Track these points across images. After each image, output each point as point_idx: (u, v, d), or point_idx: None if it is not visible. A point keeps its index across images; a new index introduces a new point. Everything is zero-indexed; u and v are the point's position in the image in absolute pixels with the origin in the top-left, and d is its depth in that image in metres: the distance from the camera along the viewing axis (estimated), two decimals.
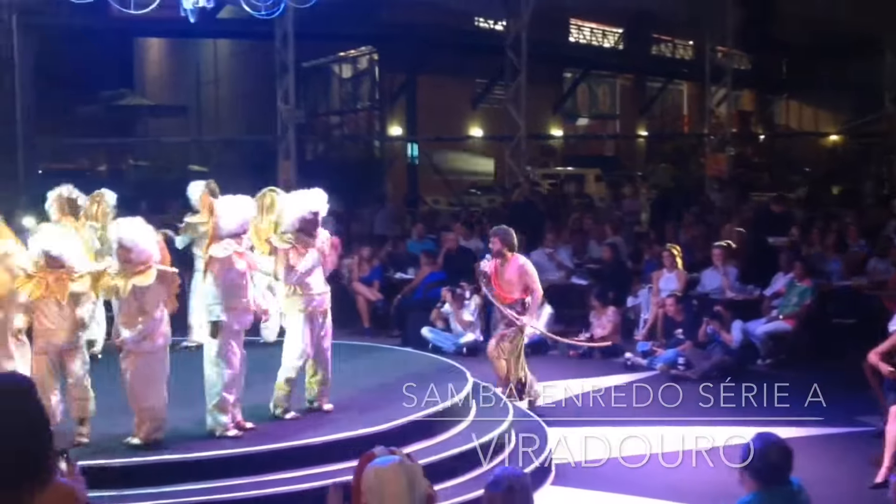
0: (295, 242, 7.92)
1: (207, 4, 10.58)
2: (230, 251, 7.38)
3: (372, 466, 3.51)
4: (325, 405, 8.19)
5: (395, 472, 3.46)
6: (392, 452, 3.62)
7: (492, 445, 8.12)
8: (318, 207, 8.02)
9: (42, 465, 3.02)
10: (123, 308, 7.13)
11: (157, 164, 31.32)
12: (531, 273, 9.85)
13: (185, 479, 6.92)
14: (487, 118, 31.05)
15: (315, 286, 8.00)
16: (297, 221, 7.92)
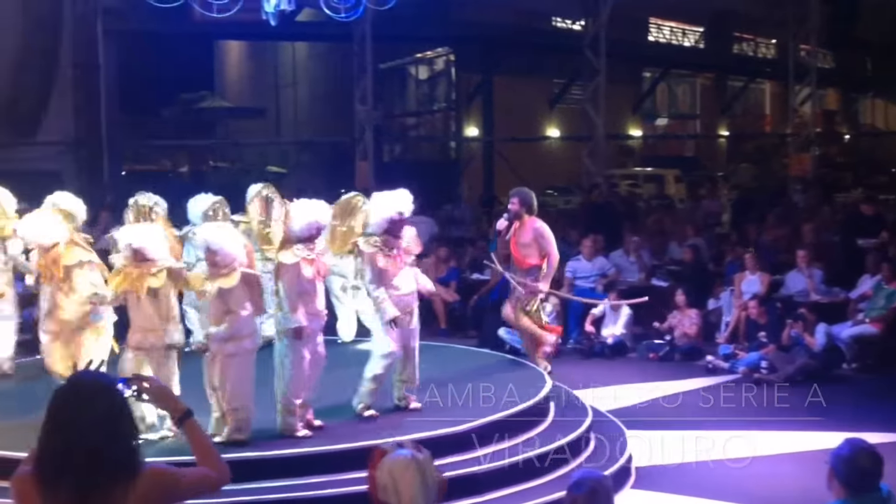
0: (381, 244, 7.93)
1: (288, 7, 10.66)
2: (298, 258, 7.43)
3: (385, 462, 3.52)
4: (413, 404, 8.20)
5: (408, 466, 3.47)
6: (401, 446, 3.62)
7: (571, 447, 8.07)
8: (404, 208, 8.03)
9: (133, 459, 3.06)
10: (210, 309, 7.27)
11: (236, 166, 31.72)
12: (547, 237, 9.68)
13: (261, 476, 6.98)
14: (565, 118, 30.85)
15: (402, 287, 8.01)
16: (383, 223, 7.93)
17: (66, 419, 3.00)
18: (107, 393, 3.09)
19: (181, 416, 3.38)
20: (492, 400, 8.43)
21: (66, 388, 3.10)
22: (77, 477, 2.95)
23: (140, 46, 25.80)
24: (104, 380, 3.17)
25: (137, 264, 7.19)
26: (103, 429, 3.00)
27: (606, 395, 10.41)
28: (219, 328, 7.12)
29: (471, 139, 30.24)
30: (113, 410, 3.06)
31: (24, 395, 8.38)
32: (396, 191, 8.17)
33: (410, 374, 8.24)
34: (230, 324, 7.10)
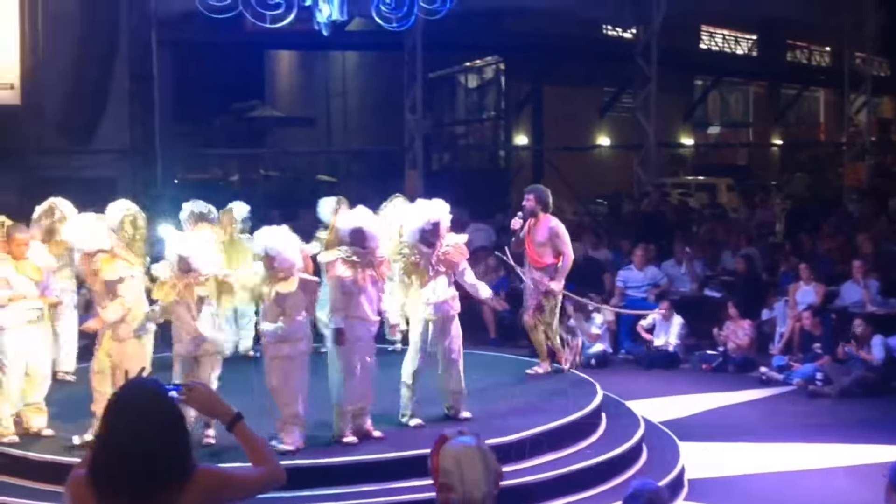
0: (413, 252, 7.93)
1: (340, 17, 10.71)
2: (336, 257, 7.45)
3: (449, 447, 3.51)
4: (463, 413, 8.15)
5: (472, 453, 3.46)
6: (461, 433, 3.60)
7: (623, 458, 8.01)
8: (439, 217, 8.00)
9: (186, 463, 3.09)
10: (267, 313, 7.31)
11: (286, 175, 31.93)
12: (562, 235, 9.58)
13: (313, 484, 6.99)
14: (615, 127, 30.68)
15: (433, 295, 7.97)
16: (417, 232, 7.93)
17: (121, 425, 3.04)
18: (160, 399, 3.12)
19: (231, 420, 3.38)
20: (543, 410, 8.40)
21: (120, 395, 3.14)
22: (132, 482, 2.99)
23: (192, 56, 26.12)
24: (157, 387, 3.20)
25: (184, 274, 7.25)
26: (157, 435, 3.03)
27: (659, 406, 10.34)
28: (272, 327, 7.15)
29: (520, 148, 30.16)
30: (166, 416, 3.09)
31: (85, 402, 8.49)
32: (433, 200, 8.17)
33: (455, 383, 8.20)
34: (284, 325, 7.12)
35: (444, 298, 8.03)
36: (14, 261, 7.77)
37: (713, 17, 31.43)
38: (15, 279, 7.73)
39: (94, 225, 7.74)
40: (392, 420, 7.95)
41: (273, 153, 33.90)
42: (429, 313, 7.96)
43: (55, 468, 7.11)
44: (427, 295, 7.94)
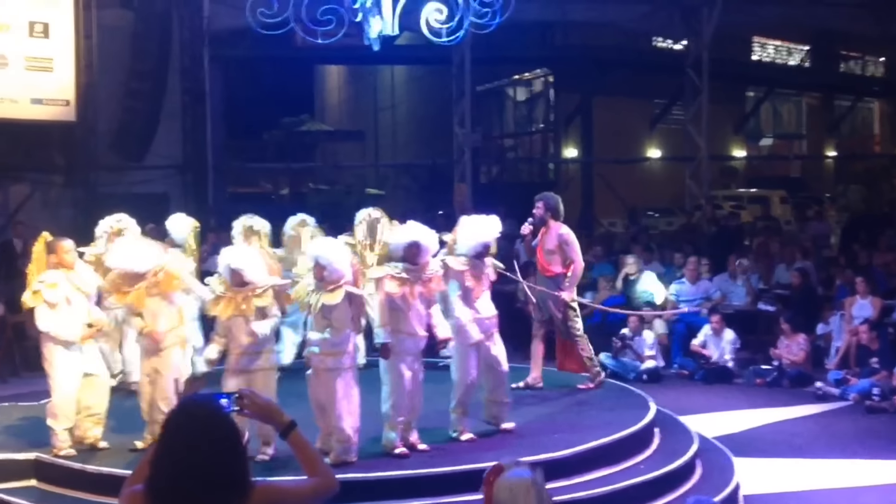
0: (470, 266, 7.93)
1: (392, 32, 10.71)
2: (385, 273, 7.47)
3: (505, 480, 3.48)
4: (505, 424, 8.14)
5: (528, 487, 3.43)
6: (517, 464, 3.58)
7: (676, 474, 7.91)
8: (495, 234, 8.04)
9: (244, 479, 3.09)
10: (314, 325, 7.33)
11: (335, 188, 32.11)
12: (572, 243, 9.46)
13: (364, 498, 6.95)
14: (665, 139, 30.48)
15: (484, 310, 8.00)
16: (479, 246, 7.93)
17: (180, 441, 3.04)
18: (218, 415, 3.13)
19: (286, 427, 3.38)
20: (594, 425, 8.33)
21: (178, 411, 3.14)
22: (191, 498, 2.97)
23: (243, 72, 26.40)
24: (215, 404, 3.21)
25: (238, 288, 7.28)
26: (215, 451, 3.03)
27: (713, 422, 10.21)
28: (318, 337, 7.16)
29: (569, 160, 30.07)
30: (224, 432, 3.09)
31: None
32: (488, 216, 8.18)
33: (501, 395, 8.18)
34: (330, 336, 7.13)
35: (492, 314, 8.08)
36: (67, 273, 7.84)
37: (765, 28, 31.13)
38: (73, 297, 7.81)
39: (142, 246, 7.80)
40: (442, 434, 7.92)
41: (322, 167, 34.12)
42: (481, 329, 7.94)
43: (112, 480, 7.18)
44: (479, 311, 7.93)
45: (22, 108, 15.94)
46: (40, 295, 7.68)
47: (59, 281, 7.76)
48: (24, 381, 12.58)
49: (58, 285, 7.74)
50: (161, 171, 18.34)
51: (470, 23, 10.74)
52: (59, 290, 7.74)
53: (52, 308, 7.71)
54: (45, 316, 7.73)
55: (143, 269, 7.55)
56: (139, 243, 7.81)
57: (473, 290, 7.93)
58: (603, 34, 26.15)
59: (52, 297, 7.70)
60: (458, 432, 7.93)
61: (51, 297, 7.69)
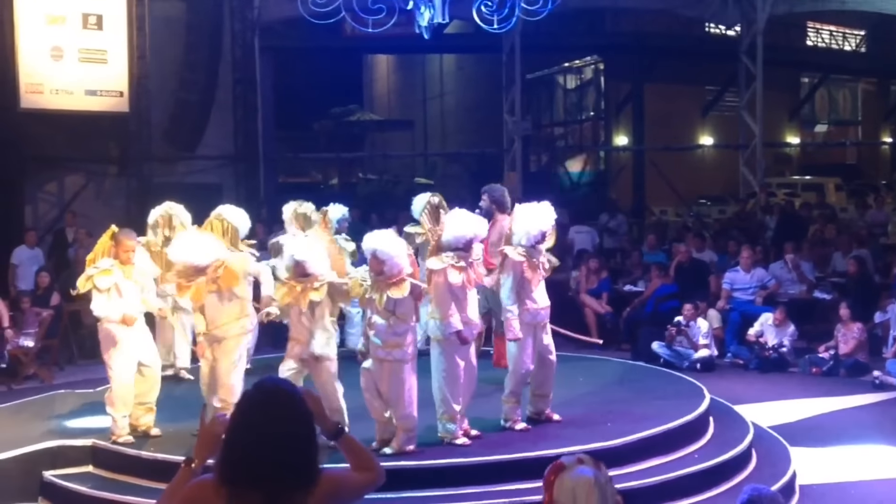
0: (528, 255, 7.87)
1: (442, 20, 10.67)
2: (445, 264, 7.43)
3: (567, 479, 3.36)
4: (553, 416, 8.11)
5: (591, 487, 3.31)
6: (580, 461, 3.46)
7: (732, 463, 7.82)
8: (552, 222, 7.96)
9: (315, 465, 3.08)
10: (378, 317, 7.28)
11: (384, 177, 32.21)
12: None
13: (420, 485, 7.00)
14: (718, 126, 30.16)
15: (540, 300, 7.94)
16: (539, 235, 7.86)
17: (254, 426, 3.03)
18: (291, 399, 3.11)
19: (335, 432, 3.39)
20: (648, 414, 8.25)
21: (251, 396, 3.12)
22: (265, 483, 2.97)
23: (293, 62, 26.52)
24: (287, 386, 3.19)
25: (300, 279, 7.31)
26: (289, 435, 3.02)
27: (768, 411, 10.08)
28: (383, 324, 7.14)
29: (620, 148, 29.86)
30: (297, 416, 3.08)
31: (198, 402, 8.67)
32: (541, 203, 8.08)
33: (547, 388, 8.13)
34: (393, 329, 7.13)
35: (546, 305, 8.03)
36: (122, 266, 7.93)
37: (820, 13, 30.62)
38: (124, 285, 7.89)
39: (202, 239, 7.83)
40: (493, 424, 7.90)
41: (371, 156, 34.21)
42: (536, 320, 7.91)
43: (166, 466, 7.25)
44: (535, 301, 7.89)
45: (77, 99, 16.15)
46: (92, 280, 7.77)
47: (111, 268, 7.84)
48: (81, 368, 12.78)
49: (111, 272, 7.82)
50: (213, 162, 18.50)
51: (521, 10, 10.67)
52: (111, 277, 7.82)
53: (101, 294, 7.79)
54: (100, 302, 7.82)
55: (203, 262, 7.55)
56: (201, 236, 7.84)
57: (531, 281, 7.87)
58: (654, 20, 25.93)
59: (103, 283, 7.78)
60: (510, 421, 7.90)
61: (101, 283, 7.78)
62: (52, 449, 7.84)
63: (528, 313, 7.86)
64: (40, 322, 12.25)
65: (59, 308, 12.80)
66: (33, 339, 12.10)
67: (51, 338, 12.54)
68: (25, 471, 7.62)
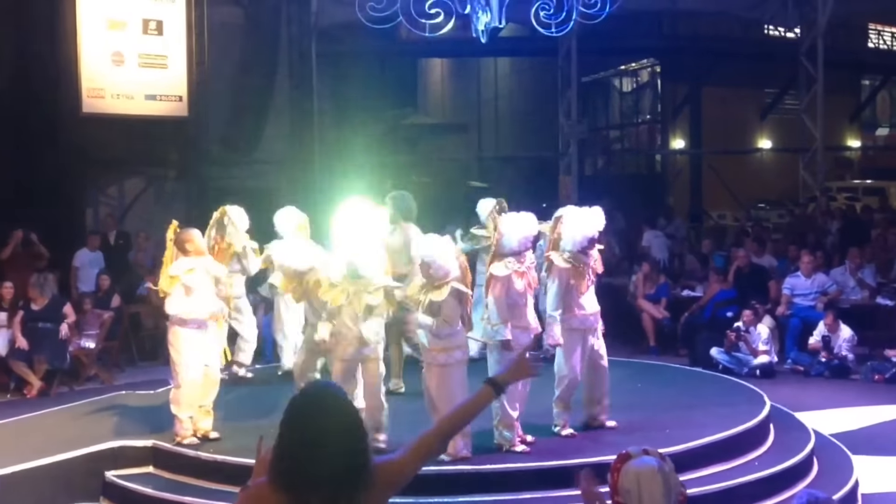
0: (574, 261, 7.83)
1: (499, 24, 10.67)
2: (510, 270, 7.42)
3: (631, 467, 3.43)
4: (608, 422, 8.05)
5: (655, 476, 3.37)
6: (646, 452, 3.51)
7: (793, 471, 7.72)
8: (600, 227, 7.92)
9: (369, 464, 3.08)
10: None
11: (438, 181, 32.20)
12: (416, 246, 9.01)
13: (476, 490, 6.99)
14: (777, 129, 29.78)
15: (587, 306, 7.90)
16: (584, 240, 7.83)
17: (302, 425, 3.04)
18: (339, 399, 3.12)
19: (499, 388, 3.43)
20: (707, 421, 8.17)
21: (301, 399, 3.13)
22: (318, 488, 2.98)
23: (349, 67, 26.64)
24: (333, 389, 3.20)
25: (354, 281, 7.34)
26: (339, 438, 3.02)
27: (829, 418, 9.94)
28: (428, 322, 7.14)
29: (677, 152, 29.59)
30: (345, 419, 3.08)
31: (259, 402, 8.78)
32: (592, 208, 8.05)
33: (600, 394, 8.08)
34: (438, 332, 7.13)
35: (595, 310, 7.99)
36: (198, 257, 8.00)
37: (881, 14, 30.15)
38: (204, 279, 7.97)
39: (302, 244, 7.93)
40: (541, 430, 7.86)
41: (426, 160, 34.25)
42: (585, 325, 7.87)
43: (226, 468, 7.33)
44: (583, 307, 7.85)
45: (137, 104, 16.35)
46: (178, 279, 7.83)
47: (195, 266, 7.94)
48: (140, 369, 12.96)
49: (195, 270, 7.92)
50: (270, 166, 18.63)
51: (578, 13, 10.63)
52: (195, 275, 7.90)
53: (189, 293, 7.86)
54: (178, 300, 7.86)
55: (302, 267, 7.66)
56: (302, 242, 7.98)
57: (578, 286, 7.82)
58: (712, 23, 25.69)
59: (191, 281, 7.86)
60: (559, 426, 7.87)
61: (189, 281, 7.85)
62: (113, 449, 7.93)
63: (576, 319, 7.84)
64: (101, 324, 12.43)
65: (120, 310, 12.98)
66: (94, 340, 12.29)
67: (111, 339, 12.72)
68: (88, 470, 7.73)
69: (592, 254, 7.96)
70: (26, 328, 11.61)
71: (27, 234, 13.44)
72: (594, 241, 7.89)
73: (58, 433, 8.50)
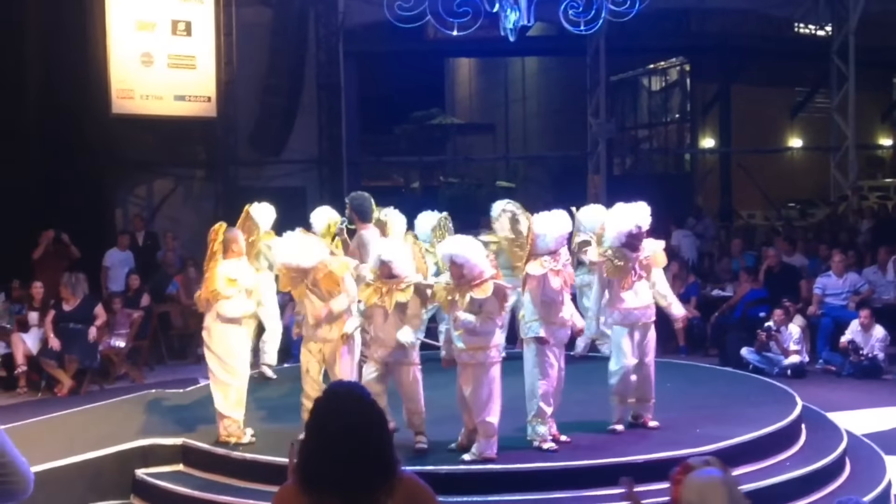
0: (616, 257, 7.78)
1: (528, 23, 10.64)
2: (546, 269, 7.39)
3: (694, 479, 3.37)
4: (651, 422, 8.00)
5: (719, 488, 3.32)
6: (708, 463, 3.42)
7: (825, 472, 7.63)
8: (643, 222, 7.85)
9: (392, 464, 3.08)
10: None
11: (466, 181, 32.19)
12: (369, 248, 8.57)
13: (507, 489, 6.96)
14: (807, 128, 29.53)
15: (632, 300, 7.83)
16: (622, 236, 7.78)
17: (327, 425, 3.04)
18: (364, 399, 3.12)
19: None
20: (738, 420, 8.10)
21: (325, 396, 3.14)
22: (342, 487, 2.98)
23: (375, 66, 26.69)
24: (357, 389, 3.21)
25: (385, 280, 7.32)
26: (362, 438, 3.02)
27: (862, 418, 9.83)
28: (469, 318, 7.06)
29: (707, 151, 29.40)
30: (370, 416, 3.08)
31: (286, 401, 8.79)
32: (635, 203, 8.00)
33: (646, 391, 8.02)
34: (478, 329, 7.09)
35: (647, 303, 7.91)
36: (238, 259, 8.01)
37: None
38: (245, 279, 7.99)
39: (306, 240, 7.90)
40: (583, 427, 7.82)
41: (453, 160, 34.24)
42: (631, 320, 7.82)
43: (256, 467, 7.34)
44: (630, 300, 7.80)
45: (166, 104, 16.45)
46: (236, 283, 7.82)
47: (242, 266, 7.98)
48: (170, 368, 13.03)
49: (241, 270, 7.95)
50: (297, 166, 18.69)
51: (607, 11, 10.58)
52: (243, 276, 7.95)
53: (249, 296, 7.93)
54: (236, 302, 7.85)
55: (307, 264, 7.59)
56: (306, 238, 7.92)
57: (621, 282, 7.78)
58: (742, 21, 25.50)
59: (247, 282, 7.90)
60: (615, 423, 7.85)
61: (245, 282, 7.88)
62: (143, 447, 7.96)
63: (619, 314, 7.82)
64: (131, 323, 12.50)
65: (149, 309, 13.05)
66: (124, 339, 12.36)
67: (141, 338, 12.80)
68: (119, 468, 7.76)
69: (642, 248, 7.87)
70: (58, 328, 11.70)
71: (58, 234, 13.56)
72: (635, 236, 7.81)
73: (88, 431, 8.55)
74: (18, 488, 3.48)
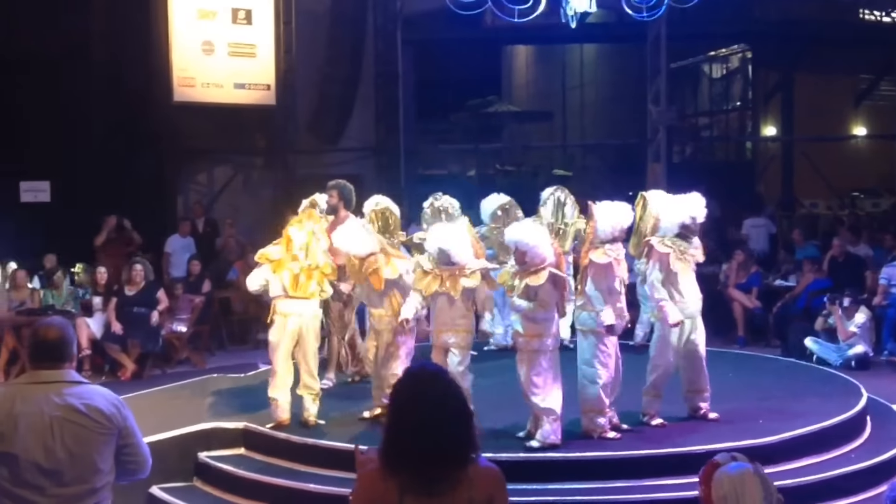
0: (674, 246, 7.71)
1: (590, 9, 10.59)
2: (611, 258, 7.35)
3: (724, 474, 3.34)
4: (710, 414, 7.90)
5: (751, 480, 3.29)
6: (734, 458, 3.42)
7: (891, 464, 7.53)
8: (699, 213, 7.79)
9: (467, 448, 3.11)
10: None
11: (522, 169, 32.05)
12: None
13: (566, 478, 6.95)
14: (872, 116, 28.93)
15: (686, 293, 7.78)
16: (678, 226, 7.71)
17: (408, 408, 3.08)
18: (444, 381, 3.16)
19: None
20: (803, 412, 8.01)
21: (404, 381, 3.17)
22: (420, 461, 2.98)
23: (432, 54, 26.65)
24: (433, 368, 3.26)
25: (445, 267, 7.34)
26: (442, 416, 3.05)
27: None
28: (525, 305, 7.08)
29: (769, 139, 28.97)
30: (448, 397, 3.12)
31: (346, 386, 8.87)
32: (690, 194, 7.94)
33: (700, 384, 7.95)
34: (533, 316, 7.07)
35: (698, 295, 7.85)
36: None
37: None
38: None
39: (362, 230, 7.96)
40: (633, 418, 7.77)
41: (510, 148, 34.13)
42: (684, 313, 7.73)
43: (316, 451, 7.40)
44: (682, 293, 7.73)
45: (226, 92, 16.59)
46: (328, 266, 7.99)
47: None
48: (231, 353, 13.17)
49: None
50: (355, 154, 18.74)
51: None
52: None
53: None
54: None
55: (363, 252, 7.68)
56: (362, 228, 7.99)
57: (679, 273, 7.70)
58: (805, 7, 25.03)
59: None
60: (648, 416, 7.79)
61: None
62: (206, 431, 8.09)
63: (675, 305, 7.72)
64: (192, 308, 12.65)
65: (210, 295, 13.19)
66: (186, 324, 12.51)
67: (202, 323, 12.95)
68: (181, 451, 7.87)
69: (694, 241, 7.82)
70: (121, 312, 11.87)
71: (120, 220, 13.76)
72: (694, 226, 7.75)
73: (151, 415, 8.62)
74: (139, 469, 4.04)
